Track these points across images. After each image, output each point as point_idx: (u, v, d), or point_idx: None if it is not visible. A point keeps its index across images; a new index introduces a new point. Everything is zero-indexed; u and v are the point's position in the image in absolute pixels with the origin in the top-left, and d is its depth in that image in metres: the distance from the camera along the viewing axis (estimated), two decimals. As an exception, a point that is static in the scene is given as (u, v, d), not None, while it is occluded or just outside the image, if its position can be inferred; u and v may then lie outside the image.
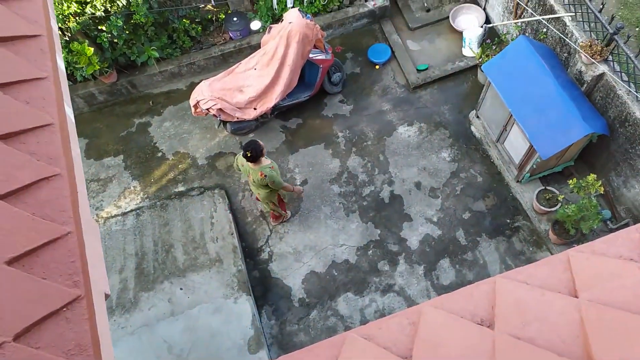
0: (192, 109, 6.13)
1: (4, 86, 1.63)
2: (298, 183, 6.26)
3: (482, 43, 6.68)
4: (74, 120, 2.01)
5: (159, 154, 6.68)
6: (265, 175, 4.84)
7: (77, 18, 5.99)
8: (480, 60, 6.35)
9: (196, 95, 6.04)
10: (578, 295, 1.14)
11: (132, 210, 6.18)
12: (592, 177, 4.87)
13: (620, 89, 4.92)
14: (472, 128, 6.37)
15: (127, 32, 6.38)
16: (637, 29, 6.85)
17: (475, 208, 5.89)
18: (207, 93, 5.94)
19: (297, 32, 5.76)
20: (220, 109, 5.99)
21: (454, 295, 1.31)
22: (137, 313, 5.37)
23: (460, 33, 7.00)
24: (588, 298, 1.13)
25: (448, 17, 7.17)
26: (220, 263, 5.65)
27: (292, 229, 5.95)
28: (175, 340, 5.12)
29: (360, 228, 5.88)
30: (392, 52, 7.08)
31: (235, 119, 6.16)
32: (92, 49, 6.14)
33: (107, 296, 1.67)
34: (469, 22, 7.09)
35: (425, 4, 7.43)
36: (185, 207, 6.13)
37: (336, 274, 5.65)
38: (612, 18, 4.99)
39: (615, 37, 4.85)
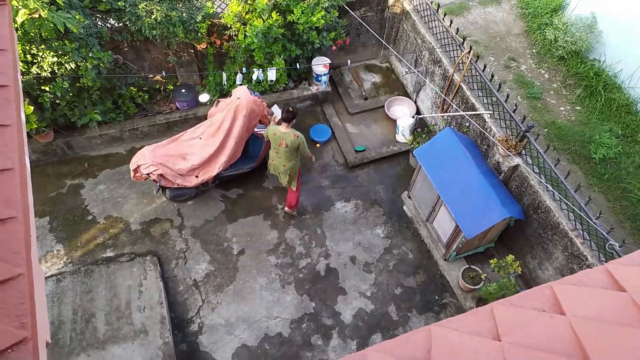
0: (132, 173, 6.07)
1: None
2: (235, 252, 6.22)
3: (414, 131, 7.32)
4: (29, 170, 2.03)
5: (89, 217, 6.43)
6: (297, 136, 5.66)
7: (22, 77, 5.93)
8: (412, 146, 6.92)
9: (137, 159, 6.02)
10: (501, 339, 1.31)
11: (52, 276, 5.78)
12: (510, 257, 5.29)
13: (532, 180, 5.54)
14: (405, 207, 6.78)
15: (71, 94, 6.36)
16: (545, 129, 7.84)
17: (407, 284, 6.12)
18: (149, 158, 5.95)
19: (245, 107, 6.05)
20: (161, 175, 5.99)
21: (394, 342, 1.43)
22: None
23: (394, 121, 7.64)
24: (509, 341, 1.30)
25: (383, 106, 7.83)
26: (145, 334, 5.34)
27: (226, 299, 5.82)
28: (87, 420, 4.65)
29: (295, 300, 5.87)
30: (333, 132, 7.54)
31: (176, 186, 6.16)
32: (31, 108, 6.03)
33: (47, 344, 1.62)
34: (402, 112, 7.78)
35: (363, 93, 8.10)
36: (113, 273, 5.84)
37: (268, 347, 5.51)
38: (524, 118, 5.74)
39: (527, 134, 5.55)
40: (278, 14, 6.54)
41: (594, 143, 7.34)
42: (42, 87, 6.08)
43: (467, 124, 6.50)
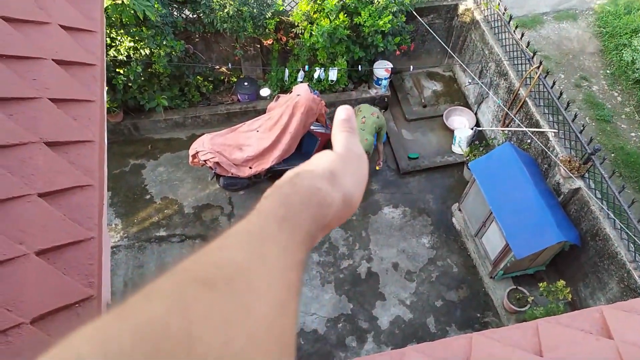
0: (190, 158, 6.32)
1: (58, 102, 1.82)
2: (279, 246, 6.34)
3: (471, 143, 7.16)
4: (107, 144, 2.20)
5: (147, 196, 6.76)
6: (379, 116, 5.98)
7: (101, 58, 6.32)
8: (467, 158, 6.78)
9: (197, 145, 6.26)
10: (543, 355, 1.29)
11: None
12: (561, 283, 5.08)
13: (593, 205, 5.29)
14: (454, 219, 6.65)
15: (142, 78, 6.71)
16: (612, 154, 7.45)
17: (448, 297, 6.00)
18: (207, 145, 6.17)
19: (303, 104, 6.15)
20: (217, 163, 6.20)
21: (435, 344, 1.44)
22: None
23: (452, 131, 7.51)
24: (552, 358, 1.27)
25: (442, 115, 7.72)
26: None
27: (267, 290, 5.95)
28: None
29: (333, 299, 5.91)
30: (388, 137, 7.51)
31: (230, 175, 6.35)
32: (106, 88, 6.42)
33: (108, 305, 1.76)
34: (461, 123, 7.63)
35: (423, 100, 8.02)
36: (163, 252, 6.12)
37: (302, 342, 5.59)
38: (591, 140, 5.49)
39: (593, 157, 5.31)
40: (345, 15, 6.60)
41: (665, 173, 6.90)
42: (117, 70, 6.46)
43: (529, 141, 6.29)
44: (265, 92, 7.48)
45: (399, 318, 5.82)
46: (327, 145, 6.88)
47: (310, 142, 6.79)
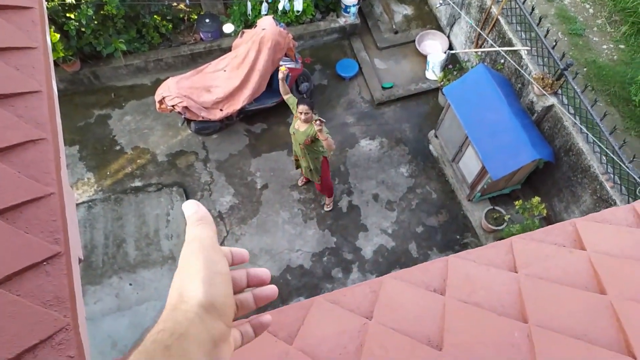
0: (157, 105, 6.08)
1: None
2: (259, 187, 6.30)
3: (445, 68, 7.02)
4: (57, 92, 2.04)
5: (117, 147, 6.55)
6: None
7: (47, 3, 5.86)
8: (441, 83, 6.67)
9: (162, 91, 6.00)
10: (517, 271, 1.29)
11: (83, 202, 6.01)
12: (536, 199, 5.20)
13: (566, 121, 5.32)
14: (431, 147, 6.66)
15: (95, 22, 6.28)
16: (584, 69, 7.41)
17: (429, 223, 6.13)
18: (174, 90, 5.92)
19: (270, 39, 5.87)
20: (185, 107, 5.98)
21: (412, 270, 1.43)
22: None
23: (425, 57, 7.33)
24: (526, 273, 1.27)
25: (414, 40, 7.50)
26: (173, 260, 5.58)
27: (249, 231, 5.98)
28: (120, 335, 4.99)
29: (317, 235, 5.98)
30: (360, 68, 7.31)
31: (200, 119, 6.15)
32: (57, 36, 6.02)
33: (80, 261, 1.70)
34: (434, 48, 7.44)
35: (394, 26, 7.75)
36: (141, 202, 6.04)
37: (290, 278, 5.70)
38: (563, 55, 5.42)
39: (565, 72, 5.26)
40: (306, -63, 6.18)
41: (636, 84, 6.92)
42: (67, 14, 6.02)
43: (502, 61, 6.19)
44: (228, 28, 7.11)
45: (382, 247, 5.95)
46: (298, 80, 6.70)
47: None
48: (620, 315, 1.04)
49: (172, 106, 5.94)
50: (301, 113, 4.82)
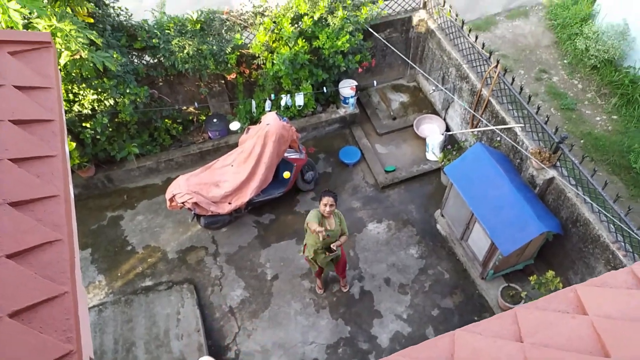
0: (168, 203, 6.26)
1: (19, 161, 1.81)
2: (269, 278, 6.25)
3: (444, 148, 7.25)
4: (73, 196, 2.18)
5: (129, 248, 6.64)
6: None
7: (65, 115, 6.29)
8: (442, 163, 6.85)
9: (172, 189, 6.21)
10: (523, 341, 1.28)
11: (94, 306, 5.97)
12: (550, 273, 5.09)
13: (569, 192, 5.36)
14: (438, 226, 6.66)
15: (110, 129, 6.67)
16: (582, 141, 7.61)
17: (444, 305, 5.96)
18: (184, 187, 6.13)
19: (274, 133, 6.17)
20: (195, 203, 6.14)
21: (419, 346, 1.42)
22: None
23: (424, 139, 7.60)
24: (531, 342, 1.26)
25: (412, 125, 7.82)
26: (183, 362, 5.40)
27: (262, 325, 5.83)
28: None
29: (330, 325, 5.81)
30: (362, 154, 7.56)
31: (210, 213, 6.29)
32: (73, 144, 6.37)
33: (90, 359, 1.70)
34: (431, 130, 7.73)
35: (392, 113, 8.12)
36: (151, 302, 5.98)
37: (305, 373, 5.46)
38: (557, 129, 5.60)
39: (561, 145, 5.40)
40: (304, 40, 6.72)
41: (634, 152, 7.06)
42: (83, 124, 6.41)
43: (499, 139, 6.40)
44: (235, 126, 7.50)
45: (398, 333, 5.74)
46: (303, 169, 6.93)
47: (286, 168, 6.79)
48: (626, 380, 1.02)
49: (182, 203, 6.11)
50: (326, 205, 4.90)
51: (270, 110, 7.15)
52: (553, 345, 1.23)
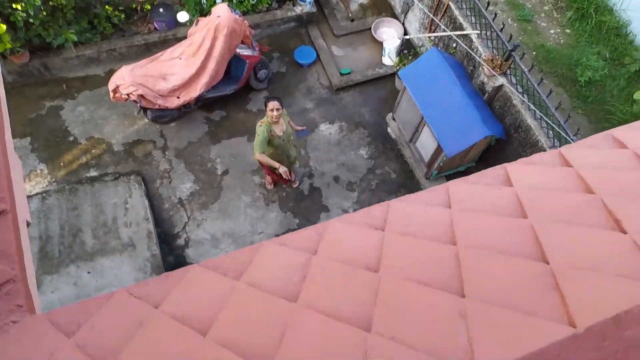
0: (111, 94, 5.95)
1: None
2: (219, 173, 6.28)
3: (400, 53, 7.18)
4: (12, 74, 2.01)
5: (71, 138, 6.38)
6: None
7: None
8: (397, 68, 6.82)
9: (116, 80, 5.88)
10: (451, 207, 1.38)
11: (37, 194, 5.83)
12: (489, 175, 5.40)
13: (515, 99, 5.55)
14: (389, 129, 6.80)
15: (44, 12, 6.07)
16: (534, 52, 7.72)
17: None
18: (128, 78, 5.81)
19: (225, 26, 5.84)
20: (141, 95, 5.88)
21: (355, 214, 1.50)
22: (38, 296, 5.07)
23: (381, 43, 7.47)
24: (458, 208, 1.37)
25: (370, 28, 7.61)
26: (133, 248, 5.50)
27: (211, 216, 5.96)
28: (80, 326, 4.89)
29: (279, 217, 6.03)
30: (317, 55, 7.37)
31: (157, 107, 6.07)
32: (4, 27, 5.79)
33: (28, 224, 1.68)
34: (389, 34, 7.58)
35: (350, 14, 7.84)
36: (97, 192, 5.91)
37: (253, 262, 5.72)
38: (511, 37, 5.63)
39: (513, 53, 5.48)
40: None
41: (581, 66, 7.27)
42: (14, 5, 5.79)
43: (454, 45, 6.38)
44: (183, 17, 7.02)
45: (344, 228, 6.05)
46: (256, 67, 6.70)
47: (238, 65, 6.55)
48: (538, 232, 1.14)
49: (127, 95, 5.83)
50: (272, 110, 4.80)
51: (221, 2, 6.70)
52: (477, 210, 1.34)
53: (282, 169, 5.01)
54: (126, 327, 1.09)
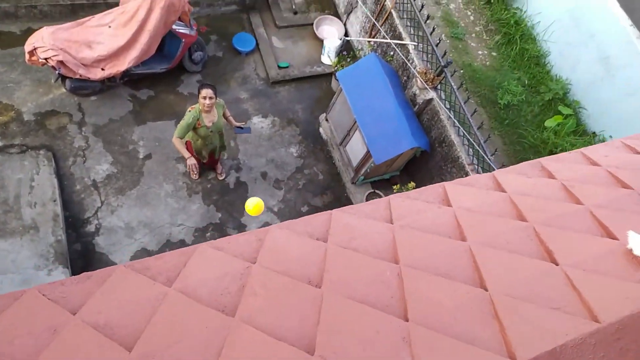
0: (27, 56, 5.39)
1: None
2: (141, 156, 5.94)
3: (339, 54, 7.23)
4: None
5: (-27, 101, 5.72)
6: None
7: None
8: (335, 68, 6.86)
9: (34, 40, 5.34)
10: (393, 223, 1.39)
11: None
12: (412, 184, 5.62)
13: (442, 114, 5.80)
14: (321, 129, 6.83)
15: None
16: (462, 71, 8.13)
17: (313, 203, 6.30)
18: (48, 41, 5.30)
19: (163, -1, 5.53)
20: (61, 62, 5.39)
21: (297, 221, 1.46)
22: None
23: (322, 41, 7.47)
24: (400, 224, 1.38)
25: (313, 23, 7.59)
26: (35, 231, 5.04)
27: (128, 202, 5.62)
28: (-35, 311, 4.39)
29: (201, 210, 5.82)
30: (257, 44, 7.22)
31: (78, 76, 5.60)
32: None
33: None
34: (330, 33, 7.61)
35: (294, 7, 7.76)
36: (0, 164, 5.34)
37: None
38: (445, 53, 5.88)
39: (445, 69, 5.73)
40: None
41: (502, 89, 7.77)
42: None
43: (392, 53, 6.54)
44: (116, -17, 6.54)
45: (267, 224, 5.99)
46: (191, 48, 6.42)
47: (172, 43, 6.24)
48: (477, 257, 1.17)
49: (45, 59, 5.32)
50: (205, 98, 4.59)
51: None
52: (419, 227, 1.35)
53: (191, 161, 4.82)
54: (38, 335, 0.96)
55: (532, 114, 7.77)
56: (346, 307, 1.04)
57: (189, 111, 4.72)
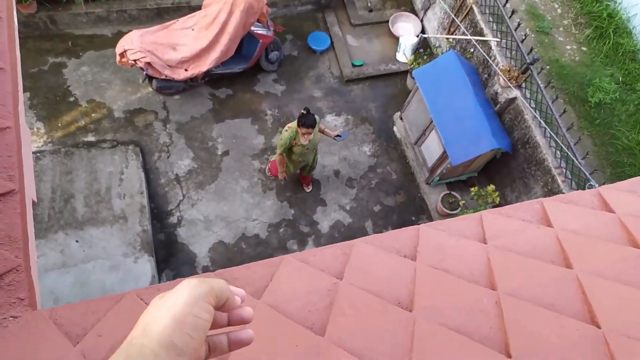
0: (118, 57, 5.77)
1: None
2: (219, 153, 6.16)
3: (416, 51, 7.05)
4: (17, 25, 1.88)
5: (71, 99, 6.20)
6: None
7: None
8: (411, 66, 6.70)
9: (124, 43, 5.70)
10: (487, 243, 1.31)
11: (32, 153, 5.68)
12: (491, 187, 5.36)
13: (527, 114, 5.48)
14: (395, 128, 6.71)
15: (55, -39, 5.86)
16: (547, 67, 7.64)
17: (386, 202, 6.21)
18: (137, 43, 5.63)
19: (243, 1, 5.67)
20: (148, 63, 5.71)
21: (383, 235, 1.42)
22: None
23: (397, 38, 7.32)
24: (495, 245, 1.29)
25: (388, 21, 7.46)
26: (124, 220, 5.39)
27: (207, 196, 5.85)
28: (63, 292, 4.80)
29: (275, 206, 5.94)
30: (332, 42, 7.22)
31: (164, 77, 5.91)
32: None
33: (34, 203, 1.59)
34: (406, 30, 7.44)
35: (369, 4, 7.67)
36: (94, 158, 5.76)
37: (244, 247, 5.66)
38: (531, 50, 5.54)
39: (531, 67, 5.39)
40: None
41: (593, 86, 7.21)
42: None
43: (472, 50, 6.27)
44: (200, -15, 6.80)
45: (339, 222, 5.99)
46: (268, 48, 6.54)
47: (250, 44, 6.38)
48: (586, 288, 1.07)
49: (134, 60, 5.66)
50: (304, 135, 4.72)
51: (241, -26, 6.48)
52: (516, 250, 1.26)
53: (281, 176, 5.31)
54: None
55: (627, 114, 7.15)
56: (441, 335, 0.99)
57: (286, 130, 4.77)
